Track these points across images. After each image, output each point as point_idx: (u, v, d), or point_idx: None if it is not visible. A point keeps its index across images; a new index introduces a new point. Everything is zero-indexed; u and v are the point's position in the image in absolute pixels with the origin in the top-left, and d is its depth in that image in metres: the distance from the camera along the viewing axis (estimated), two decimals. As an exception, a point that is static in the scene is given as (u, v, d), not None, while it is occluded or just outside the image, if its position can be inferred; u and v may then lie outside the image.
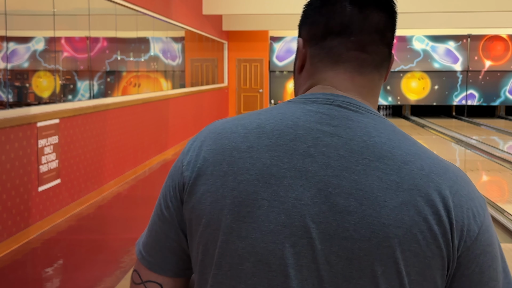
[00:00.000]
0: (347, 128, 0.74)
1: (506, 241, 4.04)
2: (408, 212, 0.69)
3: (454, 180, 0.73)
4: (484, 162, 7.63)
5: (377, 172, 0.70)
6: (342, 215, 0.69)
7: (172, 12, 8.59)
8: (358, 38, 0.77)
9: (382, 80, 0.83)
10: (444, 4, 10.49)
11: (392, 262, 0.69)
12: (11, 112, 4.14)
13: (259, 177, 0.72)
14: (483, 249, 0.72)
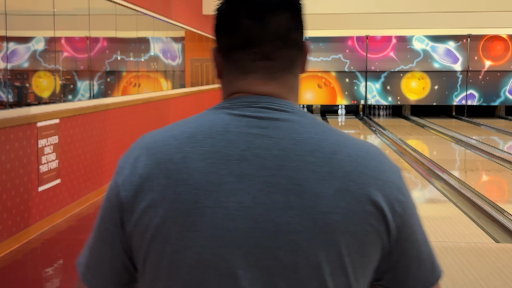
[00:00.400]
0: (275, 128, 0.77)
1: (506, 241, 4.04)
2: (343, 198, 0.75)
3: (377, 160, 0.80)
4: (484, 162, 7.63)
5: (311, 166, 0.75)
6: (284, 211, 0.73)
7: (172, 12, 8.59)
8: (260, 48, 0.80)
9: (298, 76, 0.86)
10: (444, 4, 10.49)
11: (333, 246, 0.75)
12: (11, 112, 4.15)
13: (199, 186, 0.74)
14: (412, 214, 0.82)
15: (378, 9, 10.86)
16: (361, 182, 0.77)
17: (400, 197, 0.80)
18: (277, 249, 0.74)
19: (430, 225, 4.34)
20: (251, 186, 0.74)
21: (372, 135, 11.11)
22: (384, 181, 0.78)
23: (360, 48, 14.44)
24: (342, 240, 0.75)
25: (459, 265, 3.37)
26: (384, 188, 0.78)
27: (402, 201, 0.80)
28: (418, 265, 0.84)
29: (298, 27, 0.86)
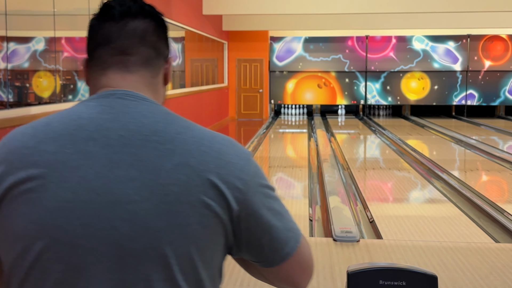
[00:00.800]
0: (125, 114, 0.86)
1: (506, 241, 4.04)
2: (182, 171, 0.82)
3: (222, 143, 0.88)
4: (483, 162, 7.64)
5: (154, 144, 0.83)
6: (124, 184, 0.81)
7: (172, 12, 8.60)
8: (117, 44, 0.91)
9: (156, 77, 0.95)
10: (443, 4, 10.50)
11: (173, 216, 0.81)
12: (11, 112, 4.15)
13: (47, 165, 0.82)
14: (257, 192, 0.88)
15: (378, 9, 10.87)
16: (202, 159, 0.84)
17: (243, 176, 0.87)
18: (116, 218, 0.80)
19: (430, 225, 4.35)
20: (95, 162, 0.82)
21: (372, 135, 11.12)
22: (226, 161, 0.86)
23: (360, 48, 14.45)
24: (181, 211, 0.81)
25: (459, 265, 3.38)
26: (225, 167, 0.86)
27: (245, 179, 0.87)
28: (270, 238, 0.91)
29: (158, 35, 0.95)
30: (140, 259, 0.81)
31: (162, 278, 0.82)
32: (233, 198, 0.86)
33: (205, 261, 0.85)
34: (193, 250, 0.83)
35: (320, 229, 4.47)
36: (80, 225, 0.80)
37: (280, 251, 0.92)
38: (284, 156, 8.60)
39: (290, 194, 5.76)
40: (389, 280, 1.42)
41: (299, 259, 0.95)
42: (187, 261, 0.83)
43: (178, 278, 0.83)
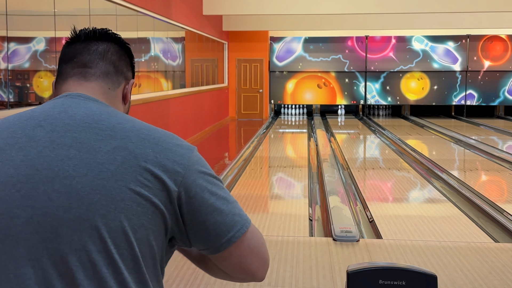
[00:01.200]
0: (73, 108, 0.97)
1: (506, 240, 4.05)
2: (119, 153, 0.92)
3: (163, 134, 0.97)
4: (483, 162, 7.65)
5: (95, 130, 0.93)
6: (63, 162, 0.90)
7: (173, 13, 8.61)
8: (79, 58, 1.04)
9: (114, 91, 1.06)
10: (443, 5, 10.51)
11: (107, 192, 0.89)
12: (12, 112, 4.16)
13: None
14: (199, 177, 0.95)
15: (377, 10, 10.88)
16: (141, 144, 0.93)
17: (182, 161, 0.95)
18: (53, 191, 0.89)
19: (430, 224, 4.36)
20: (39, 144, 0.92)
21: (371, 135, 11.13)
22: (164, 148, 0.95)
23: (359, 48, 14.46)
24: (116, 187, 0.89)
25: (459, 264, 3.39)
26: (163, 152, 0.94)
27: (184, 164, 0.95)
28: (214, 221, 0.96)
29: (119, 57, 1.08)
30: (74, 230, 0.87)
31: (97, 250, 0.88)
32: (170, 181, 0.93)
33: (140, 239, 0.90)
34: (126, 225, 0.89)
35: (320, 229, 4.48)
36: (20, 197, 0.89)
37: (226, 233, 0.96)
38: (284, 156, 8.61)
39: (290, 194, 5.77)
40: (389, 280, 1.43)
41: (248, 245, 0.99)
42: (120, 235, 0.89)
43: (112, 251, 0.88)
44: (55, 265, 0.87)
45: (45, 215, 0.88)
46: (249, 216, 1.04)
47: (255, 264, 1.00)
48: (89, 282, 0.87)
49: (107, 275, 0.88)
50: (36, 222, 0.88)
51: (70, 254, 0.87)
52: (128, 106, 1.12)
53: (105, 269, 0.88)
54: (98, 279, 0.87)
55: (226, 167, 7.01)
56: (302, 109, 15.23)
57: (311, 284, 3.07)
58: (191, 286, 3.03)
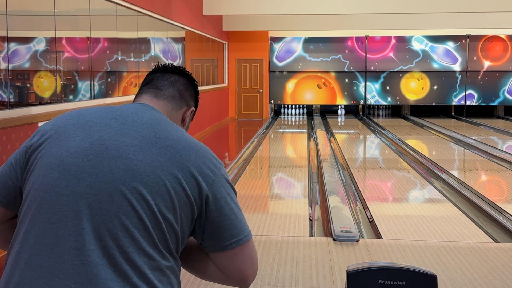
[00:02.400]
0: (142, 112, 1.24)
1: (505, 240, 4.06)
2: (170, 150, 1.16)
3: (204, 146, 1.23)
4: (483, 162, 7.66)
5: (155, 130, 1.19)
6: (127, 147, 1.15)
7: (173, 13, 8.61)
8: (155, 83, 1.35)
9: (176, 111, 1.35)
10: (443, 5, 10.51)
11: (153, 175, 1.13)
12: (12, 112, 4.17)
13: (79, 126, 1.20)
14: (223, 185, 1.20)
15: (377, 10, 10.88)
16: (187, 148, 1.18)
17: (214, 168, 1.19)
18: (115, 166, 1.12)
19: (430, 224, 4.36)
20: (112, 131, 1.17)
21: (371, 135, 11.13)
22: (204, 156, 1.20)
23: (359, 48, 14.46)
24: (162, 175, 1.13)
25: (458, 264, 3.40)
26: (202, 159, 1.19)
27: (215, 171, 1.19)
28: (230, 223, 1.18)
29: (186, 87, 1.38)
30: (124, 198, 1.10)
31: (137, 216, 1.11)
32: (203, 181, 1.17)
33: (169, 218, 1.13)
34: (162, 205, 1.12)
35: (320, 228, 4.48)
36: (89, 165, 1.12)
37: (236, 235, 1.19)
38: (284, 156, 8.61)
39: (290, 194, 5.77)
40: (389, 280, 1.43)
41: (249, 252, 1.21)
42: (156, 210, 1.12)
43: (145, 220, 1.11)
44: (104, 222, 1.09)
45: (105, 182, 1.11)
46: (249, 216, 1.17)
47: (250, 270, 1.22)
48: (127, 240, 1.09)
49: (139, 237, 1.10)
50: (97, 186, 1.11)
51: (116, 216, 1.09)
52: (186, 129, 1.38)
53: (138, 232, 1.10)
54: (133, 239, 1.10)
55: (226, 167, 7.01)
56: (302, 109, 15.23)
57: (311, 284, 3.07)
58: (191, 286, 3.03)
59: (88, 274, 1.06)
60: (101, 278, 1.06)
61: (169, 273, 1.14)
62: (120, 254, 1.08)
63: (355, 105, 15.14)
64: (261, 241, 3.81)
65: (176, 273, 1.18)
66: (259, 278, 3.15)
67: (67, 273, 1.07)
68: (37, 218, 1.11)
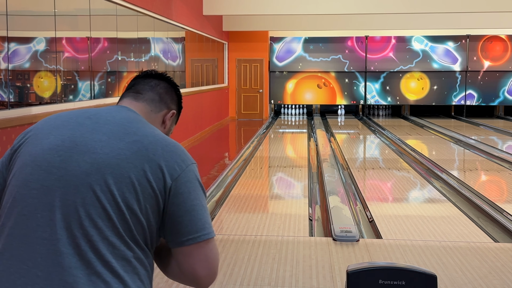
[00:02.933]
0: (117, 112, 1.30)
1: (506, 240, 4.06)
2: (137, 145, 1.21)
3: (174, 142, 1.26)
4: (483, 162, 7.66)
5: (125, 127, 1.24)
6: (95, 142, 1.21)
7: (173, 13, 8.62)
8: (136, 87, 1.41)
9: (155, 113, 1.39)
10: (443, 5, 10.51)
11: (118, 168, 1.19)
12: (12, 112, 4.17)
13: (53, 127, 1.27)
14: (189, 181, 1.22)
15: (377, 10, 10.88)
16: (154, 142, 1.22)
17: (181, 164, 1.22)
18: (82, 161, 1.19)
19: (429, 224, 4.36)
20: (84, 129, 1.24)
21: (371, 135, 11.13)
22: (172, 151, 1.23)
23: (359, 48, 14.47)
24: (127, 167, 1.18)
25: (458, 264, 3.40)
26: (170, 153, 1.22)
27: (182, 166, 1.22)
28: (190, 219, 1.20)
29: (166, 91, 1.43)
30: (89, 190, 1.16)
31: (101, 206, 1.16)
32: (168, 174, 1.20)
33: (134, 209, 1.17)
34: (127, 196, 1.17)
35: (320, 228, 4.48)
36: (59, 160, 1.19)
37: (194, 232, 1.20)
38: (284, 156, 8.61)
39: (290, 194, 5.77)
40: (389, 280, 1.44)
41: (206, 252, 1.21)
42: (120, 201, 1.16)
43: (109, 210, 1.16)
44: (71, 213, 1.15)
45: (72, 175, 1.18)
46: (249, 216, 1.13)
47: (204, 271, 1.21)
48: (91, 229, 1.15)
49: (103, 226, 1.15)
50: (65, 179, 1.18)
51: (82, 206, 1.16)
52: (167, 131, 1.43)
53: (102, 222, 1.15)
54: (97, 229, 1.15)
55: (226, 167, 7.01)
56: (302, 109, 15.23)
57: (311, 284, 3.07)
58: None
59: (54, 262, 1.13)
60: (66, 266, 1.12)
61: (136, 264, 1.17)
62: (85, 243, 1.14)
63: (355, 105, 15.15)
64: (261, 241, 3.82)
65: (145, 264, 1.20)
66: (259, 278, 3.15)
67: (35, 261, 1.14)
68: (12, 211, 1.19)
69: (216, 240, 3.80)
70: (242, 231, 4.12)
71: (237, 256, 3.50)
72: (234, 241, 3.81)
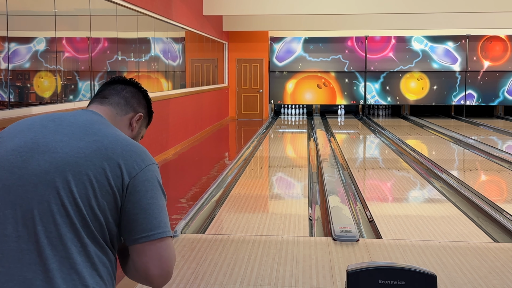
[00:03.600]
0: (80, 115, 1.34)
1: (505, 240, 4.06)
2: (96, 144, 1.25)
3: (136, 143, 1.29)
4: (482, 162, 7.66)
5: (86, 128, 1.28)
6: (56, 143, 1.25)
7: (173, 13, 8.62)
8: (103, 93, 1.44)
9: (121, 116, 1.42)
10: (443, 5, 10.52)
11: (76, 166, 1.22)
12: (12, 112, 4.17)
13: (19, 131, 1.31)
14: (147, 180, 1.25)
15: (377, 10, 10.88)
16: (114, 142, 1.26)
17: (141, 163, 1.25)
18: (42, 160, 1.22)
19: (429, 224, 4.36)
20: (46, 131, 1.27)
21: (371, 135, 11.14)
22: (132, 150, 1.26)
23: (359, 48, 14.47)
24: (85, 165, 1.22)
25: (458, 264, 3.40)
26: (129, 152, 1.25)
27: (141, 165, 1.25)
28: (144, 217, 1.22)
29: (133, 96, 1.45)
30: (47, 187, 1.20)
31: (60, 203, 1.20)
32: (126, 172, 1.23)
33: (92, 206, 1.20)
34: (83, 193, 1.20)
35: (320, 228, 4.49)
36: (21, 160, 1.24)
37: (148, 230, 1.22)
38: (284, 156, 8.62)
39: (290, 194, 5.78)
40: (389, 279, 1.44)
41: (160, 251, 1.23)
42: (77, 199, 1.20)
43: (68, 207, 1.20)
44: (30, 210, 1.20)
45: (32, 175, 1.21)
46: (249, 216, 1.12)
47: (156, 270, 1.23)
48: (50, 226, 1.19)
49: (61, 223, 1.19)
50: (25, 178, 1.21)
51: (41, 203, 1.20)
52: (136, 135, 1.45)
53: (60, 218, 1.19)
54: (56, 225, 1.19)
55: (226, 167, 7.01)
56: (302, 109, 15.24)
57: (311, 284, 3.08)
58: (191, 286, 3.04)
59: (14, 258, 1.17)
60: (26, 262, 1.16)
61: (95, 260, 1.20)
62: (44, 239, 1.17)
63: (355, 105, 15.15)
64: (261, 241, 3.82)
65: (104, 261, 1.22)
66: (259, 278, 3.16)
67: None
68: None
69: (216, 240, 3.81)
70: (242, 231, 4.12)
71: (237, 256, 3.51)
72: (234, 241, 3.82)
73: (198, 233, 4.14)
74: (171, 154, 8.43)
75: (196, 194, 5.72)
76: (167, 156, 8.20)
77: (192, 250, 3.62)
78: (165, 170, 7.43)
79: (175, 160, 8.14)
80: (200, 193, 5.54)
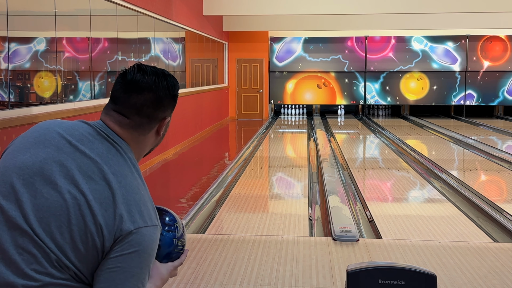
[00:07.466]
0: (91, 143, 1.29)
1: (505, 240, 4.06)
2: (99, 187, 1.24)
3: (140, 193, 1.28)
4: (482, 162, 7.67)
5: (83, 154, 1.27)
6: (46, 161, 1.26)
7: (173, 13, 8.62)
8: (121, 108, 1.32)
9: (145, 135, 1.35)
10: (443, 5, 10.52)
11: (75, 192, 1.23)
12: (12, 112, 4.18)
13: (25, 143, 1.31)
14: (129, 247, 1.22)
15: (377, 10, 10.88)
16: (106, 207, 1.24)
17: (126, 228, 1.22)
18: (34, 173, 1.25)
19: (429, 224, 4.37)
20: (48, 148, 1.27)
21: (371, 135, 11.14)
22: (119, 215, 1.23)
23: (359, 48, 14.48)
24: (71, 211, 1.21)
25: (458, 264, 3.41)
26: (116, 217, 1.22)
27: (123, 234, 1.21)
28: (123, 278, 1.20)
29: (156, 106, 1.32)
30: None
31: None
32: (110, 236, 1.20)
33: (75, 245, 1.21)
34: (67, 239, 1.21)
35: (320, 228, 4.49)
36: (21, 184, 1.24)
37: None
38: (284, 156, 8.62)
39: (290, 194, 5.78)
40: (389, 279, 1.44)
41: None
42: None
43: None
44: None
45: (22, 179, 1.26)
46: (249, 216, 1.12)
47: None
48: None
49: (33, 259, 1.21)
50: (19, 182, 1.25)
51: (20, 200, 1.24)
52: (160, 138, 1.39)
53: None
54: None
55: (226, 167, 7.02)
56: (302, 109, 15.24)
57: (311, 284, 3.08)
58: (191, 285, 3.04)
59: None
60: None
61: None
62: None
63: (354, 105, 15.15)
64: (261, 241, 3.82)
65: None
66: (259, 278, 3.16)
67: None
68: None
69: (216, 240, 3.82)
70: (242, 231, 4.12)
71: (237, 256, 3.51)
72: (234, 241, 3.82)
73: (198, 233, 4.15)
74: (171, 154, 8.43)
75: (196, 194, 5.72)
76: (167, 156, 8.20)
77: (192, 250, 3.62)
78: (165, 170, 7.44)
79: (175, 160, 8.15)
80: (200, 193, 5.54)
